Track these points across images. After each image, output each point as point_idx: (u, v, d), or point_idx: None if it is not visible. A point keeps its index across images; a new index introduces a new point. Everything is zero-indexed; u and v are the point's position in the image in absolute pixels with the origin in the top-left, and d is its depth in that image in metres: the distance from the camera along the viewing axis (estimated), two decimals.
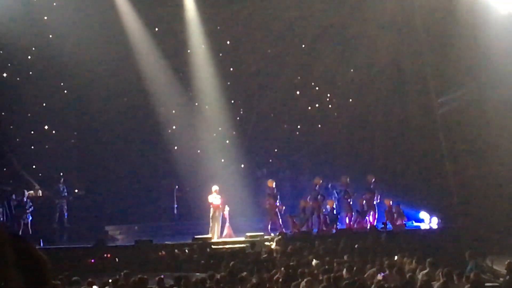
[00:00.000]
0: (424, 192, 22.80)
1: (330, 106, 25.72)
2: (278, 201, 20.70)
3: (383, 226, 20.44)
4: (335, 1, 24.04)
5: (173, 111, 24.66)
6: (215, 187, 19.81)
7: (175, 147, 24.19)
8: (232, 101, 25.13)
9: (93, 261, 18.26)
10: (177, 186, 23.56)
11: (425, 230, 20.79)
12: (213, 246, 18.73)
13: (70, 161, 23.49)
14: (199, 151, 24.46)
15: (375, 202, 21.22)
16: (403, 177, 23.60)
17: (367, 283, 11.60)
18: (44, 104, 23.46)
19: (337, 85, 25.29)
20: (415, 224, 21.66)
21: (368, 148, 24.31)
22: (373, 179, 21.51)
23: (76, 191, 22.98)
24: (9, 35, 21.63)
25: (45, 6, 22.53)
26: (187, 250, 18.54)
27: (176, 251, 18.51)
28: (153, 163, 24.21)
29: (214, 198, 19.59)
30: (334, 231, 20.15)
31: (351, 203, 21.36)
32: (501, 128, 20.78)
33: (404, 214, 21.15)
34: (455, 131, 22.03)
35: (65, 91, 23.74)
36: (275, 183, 21.15)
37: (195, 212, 22.25)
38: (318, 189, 21.25)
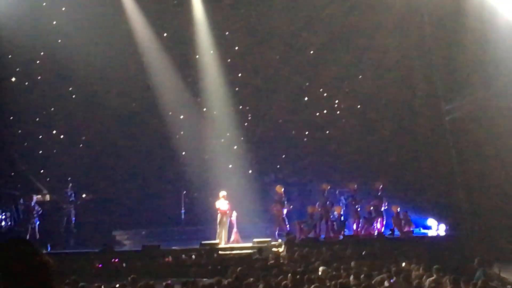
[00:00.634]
0: (432, 199, 22.71)
1: (338, 112, 25.63)
2: (286, 205, 20.69)
3: (390, 232, 20.39)
4: (344, 7, 24.02)
5: (181, 117, 24.67)
6: (223, 193, 19.82)
7: (183, 153, 24.22)
8: (240, 107, 25.14)
9: (100, 266, 18.30)
10: (184, 192, 23.55)
11: (433, 237, 20.67)
12: (220, 252, 18.73)
13: (78, 166, 23.45)
14: (207, 156, 24.46)
15: (382, 209, 21.14)
16: (410, 183, 23.49)
17: None
18: (52, 109, 23.58)
19: (345, 91, 25.25)
20: (422, 231, 21.58)
21: (376, 155, 24.26)
22: (380, 186, 21.44)
23: (84, 196, 23.00)
24: (17, 40, 21.72)
25: (53, 11, 22.62)
26: (194, 256, 18.55)
27: (183, 256, 18.53)
28: (161, 169, 24.26)
29: (222, 203, 19.60)
30: (341, 237, 20.09)
31: (359, 209, 21.30)
32: (511, 135, 20.66)
33: (412, 221, 21.11)
34: (463, 137, 21.92)
35: (74, 96, 23.85)
36: (283, 189, 21.15)
37: (202, 218, 22.24)
38: (326, 195, 21.22)
